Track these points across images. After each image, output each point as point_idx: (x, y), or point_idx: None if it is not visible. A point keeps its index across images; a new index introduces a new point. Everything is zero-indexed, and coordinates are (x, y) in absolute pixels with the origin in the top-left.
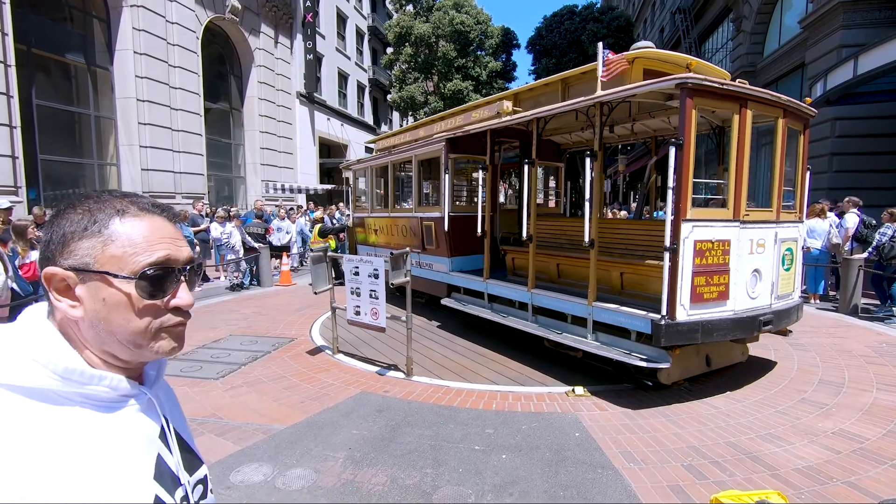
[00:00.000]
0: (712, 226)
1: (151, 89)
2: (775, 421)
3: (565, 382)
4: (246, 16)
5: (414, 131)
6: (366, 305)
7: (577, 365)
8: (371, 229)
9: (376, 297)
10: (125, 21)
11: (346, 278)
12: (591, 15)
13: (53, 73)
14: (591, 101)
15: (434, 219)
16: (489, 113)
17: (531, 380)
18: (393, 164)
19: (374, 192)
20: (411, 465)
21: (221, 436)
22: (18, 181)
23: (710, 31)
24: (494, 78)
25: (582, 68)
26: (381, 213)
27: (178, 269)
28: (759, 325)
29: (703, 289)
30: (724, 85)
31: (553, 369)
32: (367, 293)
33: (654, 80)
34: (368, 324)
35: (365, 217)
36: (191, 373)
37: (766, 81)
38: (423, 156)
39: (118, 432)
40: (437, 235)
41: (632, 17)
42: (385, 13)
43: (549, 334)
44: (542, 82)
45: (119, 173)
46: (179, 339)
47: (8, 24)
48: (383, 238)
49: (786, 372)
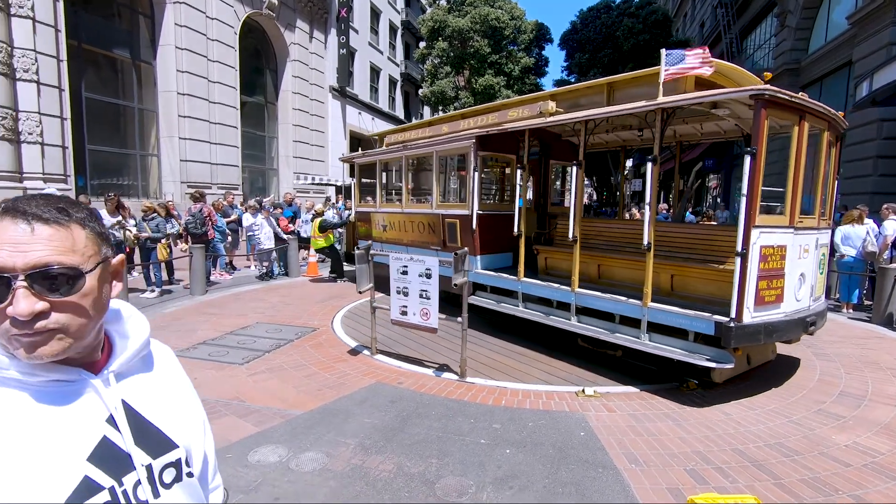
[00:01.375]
0: (774, 232)
1: (191, 83)
2: (787, 431)
3: (620, 382)
4: (282, 11)
5: (435, 126)
6: (414, 305)
7: (616, 364)
8: (379, 225)
9: (427, 298)
10: (168, 17)
11: (392, 277)
12: (628, 9)
13: (101, 67)
14: (653, 106)
15: (459, 216)
16: (530, 112)
17: (582, 380)
18: (408, 159)
19: (384, 186)
20: (418, 454)
21: (242, 418)
22: (68, 170)
23: (752, 27)
24: (526, 74)
25: (631, 74)
26: (392, 209)
27: (11, 277)
28: (807, 326)
29: (764, 292)
30: (793, 98)
31: (597, 369)
32: (417, 293)
33: (729, 89)
34: (417, 324)
35: (371, 212)
36: (218, 357)
37: (810, 80)
38: (447, 152)
39: (47, 414)
40: (462, 233)
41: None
42: (419, 7)
43: (601, 335)
44: (584, 85)
45: (160, 163)
46: (30, 349)
47: (61, 21)
48: (394, 234)
49: (805, 382)
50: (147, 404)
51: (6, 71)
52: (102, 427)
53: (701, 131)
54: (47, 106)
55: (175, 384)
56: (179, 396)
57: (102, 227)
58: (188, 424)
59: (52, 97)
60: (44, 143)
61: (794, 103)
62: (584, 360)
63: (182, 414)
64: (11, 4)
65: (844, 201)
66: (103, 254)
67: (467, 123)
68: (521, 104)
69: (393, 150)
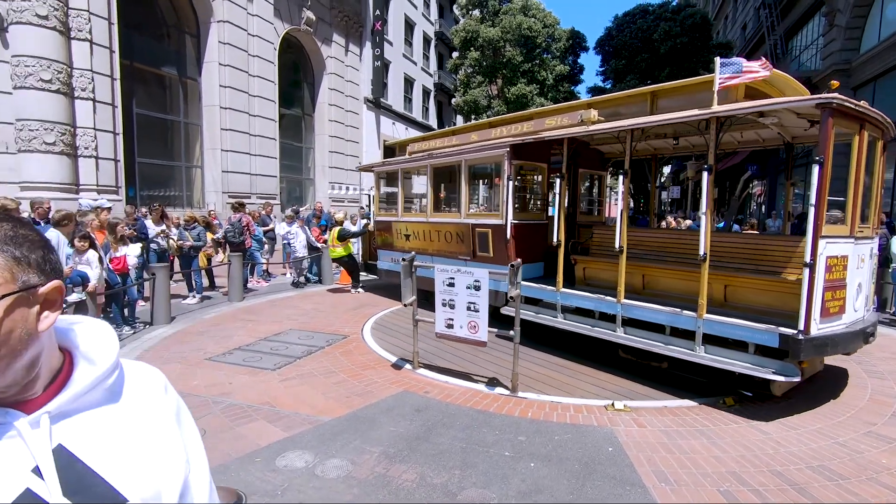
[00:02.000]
0: (837, 242)
1: (233, 97)
2: (832, 453)
3: (676, 396)
4: (320, 26)
5: (462, 135)
6: (461, 318)
7: (662, 376)
8: (401, 234)
9: (476, 310)
10: (213, 35)
11: (438, 289)
12: (665, 13)
13: (151, 84)
14: (709, 114)
15: (491, 226)
16: (569, 121)
17: (636, 393)
18: (434, 168)
19: (406, 195)
20: (441, 465)
21: (272, 423)
22: (119, 181)
23: (798, 27)
24: (560, 81)
25: (676, 83)
26: (415, 218)
27: None
28: (866, 337)
29: (829, 303)
30: (857, 106)
31: (646, 381)
32: (465, 305)
33: (793, 98)
34: (464, 338)
35: (393, 221)
36: (252, 362)
37: (862, 81)
38: (478, 160)
39: None
40: (494, 243)
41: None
42: (452, 18)
43: (656, 348)
44: (625, 93)
45: (203, 175)
46: None
47: (116, 42)
48: (418, 244)
49: (854, 400)
50: (96, 449)
51: (66, 90)
52: (26, 477)
53: (740, 139)
54: (102, 122)
55: (148, 421)
56: (150, 437)
57: (32, 251)
58: (155, 473)
59: (106, 113)
60: (98, 157)
61: (857, 112)
62: (628, 372)
63: (148, 460)
64: (72, 28)
65: None
66: (21, 282)
67: (498, 132)
68: (559, 112)
69: (417, 159)
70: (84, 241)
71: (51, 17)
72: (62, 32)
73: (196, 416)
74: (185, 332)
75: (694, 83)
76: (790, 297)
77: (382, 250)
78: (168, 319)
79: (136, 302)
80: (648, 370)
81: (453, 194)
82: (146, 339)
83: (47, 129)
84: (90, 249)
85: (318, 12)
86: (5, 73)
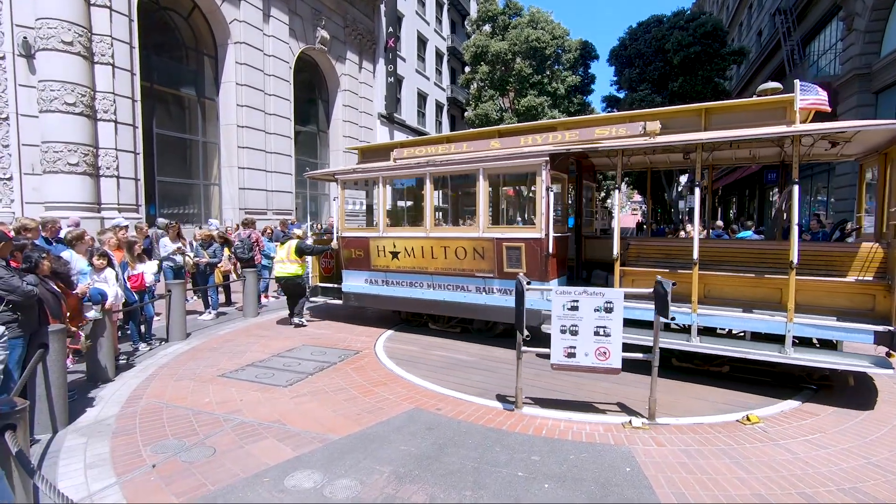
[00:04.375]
0: None
1: (250, 116)
2: (866, 474)
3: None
4: (334, 45)
5: (482, 141)
6: (587, 345)
7: (721, 380)
8: (384, 252)
9: (608, 335)
10: (230, 56)
11: (556, 314)
12: (679, 22)
13: (170, 104)
14: (791, 132)
15: (525, 240)
16: (628, 131)
17: (745, 401)
18: (434, 177)
19: (394, 207)
20: (452, 485)
21: (282, 441)
22: (139, 200)
23: (815, 33)
24: (573, 93)
25: (729, 102)
26: (407, 233)
27: None
28: None
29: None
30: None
31: (724, 386)
32: (592, 330)
33: (871, 122)
34: (591, 366)
35: (371, 237)
36: (264, 379)
37: (885, 84)
38: (501, 169)
39: None
40: (528, 258)
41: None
42: (464, 34)
43: (749, 354)
44: (673, 109)
45: (220, 192)
46: None
47: (136, 65)
48: (411, 262)
49: (888, 417)
50: None
51: (89, 113)
52: None
53: (735, 156)
54: (123, 142)
55: None
56: None
57: None
58: None
59: (127, 134)
60: (119, 177)
61: None
62: (691, 377)
63: None
64: (95, 53)
65: None
66: None
67: (527, 140)
68: (614, 122)
69: (410, 167)
70: (102, 259)
71: (75, 43)
72: (86, 57)
73: (206, 434)
74: (199, 349)
75: (742, 104)
76: (860, 297)
77: (352, 270)
78: (184, 336)
79: (153, 318)
80: (708, 374)
81: (467, 206)
82: (161, 356)
83: (71, 150)
84: (108, 267)
85: (332, 31)
86: (32, 97)
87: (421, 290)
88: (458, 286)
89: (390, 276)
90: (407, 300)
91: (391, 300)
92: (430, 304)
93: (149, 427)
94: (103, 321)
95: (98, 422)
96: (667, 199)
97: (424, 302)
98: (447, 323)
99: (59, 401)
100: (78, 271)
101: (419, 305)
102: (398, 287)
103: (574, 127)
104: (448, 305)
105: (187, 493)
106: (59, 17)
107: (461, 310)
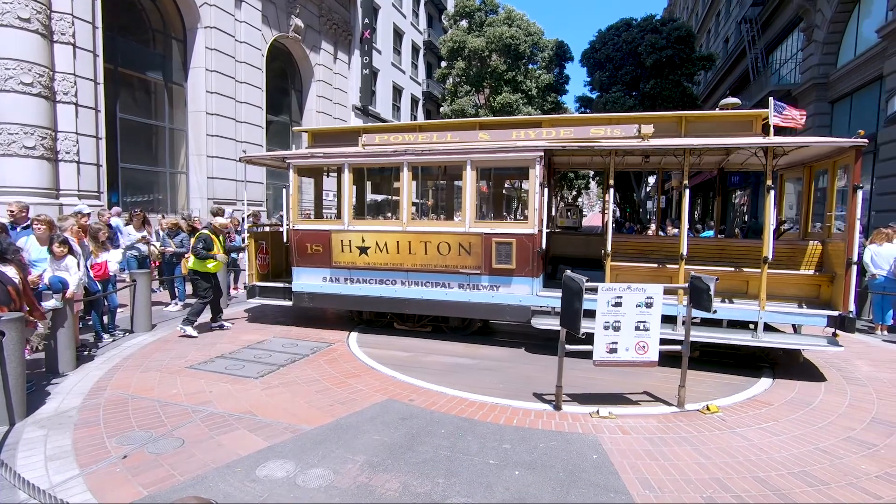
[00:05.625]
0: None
1: (219, 103)
2: (813, 459)
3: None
4: (308, 34)
5: (466, 132)
6: (627, 340)
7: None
8: (351, 246)
9: (647, 329)
10: (199, 41)
11: (600, 311)
12: (650, 26)
13: (136, 88)
14: (766, 144)
15: (516, 235)
16: (621, 132)
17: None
18: (413, 166)
19: (360, 197)
20: (425, 473)
21: (253, 432)
22: (101, 187)
23: (778, 42)
24: (547, 91)
25: (704, 112)
26: (380, 227)
27: None
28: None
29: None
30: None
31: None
32: (633, 325)
33: (833, 139)
34: (630, 361)
35: (333, 230)
36: (235, 371)
37: (840, 94)
38: (492, 162)
39: None
40: (519, 254)
41: (693, 28)
42: (441, 28)
43: (728, 340)
44: (658, 115)
45: (188, 181)
46: None
47: (100, 46)
48: (384, 258)
49: (833, 407)
50: None
51: (48, 94)
52: None
53: (700, 163)
54: (84, 126)
55: None
56: None
57: None
58: None
59: (88, 118)
60: (80, 162)
61: (844, 146)
62: (668, 363)
63: None
64: (55, 32)
65: (879, 219)
66: None
67: (518, 134)
68: (609, 122)
69: (381, 153)
70: (63, 247)
71: (33, 20)
72: (44, 36)
73: (174, 426)
74: (166, 340)
75: (716, 115)
76: (806, 287)
77: (307, 268)
78: (149, 327)
79: (117, 309)
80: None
81: (449, 199)
82: (126, 347)
83: (27, 133)
84: (69, 255)
85: (306, 20)
86: None
87: (393, 288)
88: (439, 283)
89: (356, 273)
90: (375, 299)
91: (356, 300)
92: (402, 302)
93: (113, 418)
94: (64, 310)
95: (59, 413)
96: (635, 198)
97: (396, 301)
98: (416, 322)
99: (16, 392)
100: (33, 261)
101: (389, 304)
102: (365, 285)
103: (568, 124)
104: (425, 304)
105: (155, 485)
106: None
107: (440, 308)
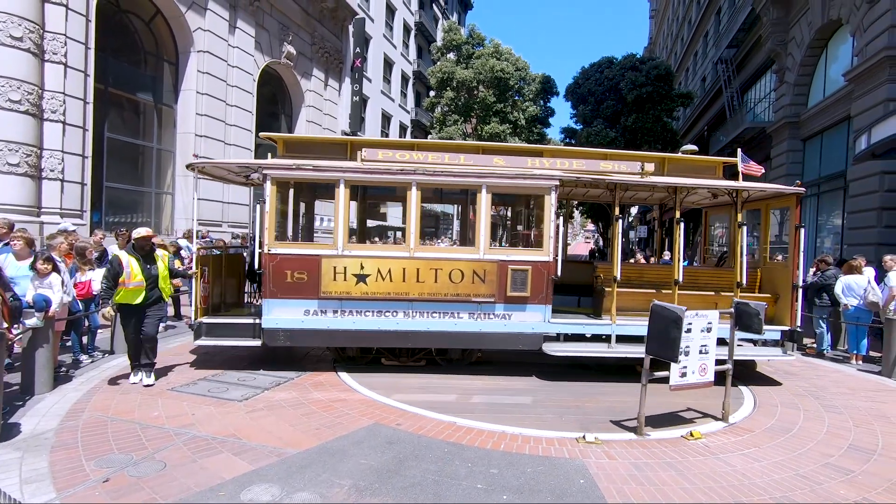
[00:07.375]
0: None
1: (209, 125)
2: (794, 484)
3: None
4: (300, 61)
5: (481, 156)
6: (693, 363)
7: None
8: (346, 274)
9: (706, 352)
10: (192, 64)
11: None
12: (631, 63)
13: (125, 109)
14: (738, 186)
15: (532, 263)
16: (628, 168)
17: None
18: (422, 187)
19: (361, 218)
20: (412, 498)
21: (237, 455)
22: (84, 205)
23: (752, 81)
24: (533, 123)
25: (684, 157)
26: (382, 252)
27: None
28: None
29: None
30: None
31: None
32: (697, 349)
33: (781, 186)
34: (695, 383)
35: (325, 256)
36: (218, 393)
37: (811, 133)
38: (508, 188)
39: None
40: (534, 281)
41: (672, 66)
42: (430, 59)
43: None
44: (642, 154)
45: (173, 201)
46: None
47: (91, 66)
48: (387, 287)
49: (813, 434)
50: None
51: (35, 112)
52: None
53: (651, 198)
54: (70, 145)
55: None
56: None
57: None
58: None
59: (76, 136)
60: (64, 180)
61: (783, 194)
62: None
63: None
64: (46, 51)
65: (850, 252)
66: None
67: (533, 162)
68: (618, 158)
69: (386, 170)
70: (47, 264)
71: (25, 39)
72: (36, 55)
73: (155, 449)
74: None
75: (689, 159)
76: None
77: (284, 299)
78: None
79: (97, 329)
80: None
81: (438, 223)
82: (105, 369)
83: (12, 149)
84: (53, 273)
85: (298, 47)
86: None
87: (394, 320)
88: (448, 313)
89: (349, 304)
90: (372, 334)
91: (347, 335)
92: (403, 336)
93: (92, 441)
94: (45, 329)
95: (35, 435)
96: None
97: (397, 334)
98: (410, 356)
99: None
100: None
101: (388, 339)
102: (359, 318)
103: (580, 157)
104: (430, 336)
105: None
106: (9, 12)
107: (446, 339)
